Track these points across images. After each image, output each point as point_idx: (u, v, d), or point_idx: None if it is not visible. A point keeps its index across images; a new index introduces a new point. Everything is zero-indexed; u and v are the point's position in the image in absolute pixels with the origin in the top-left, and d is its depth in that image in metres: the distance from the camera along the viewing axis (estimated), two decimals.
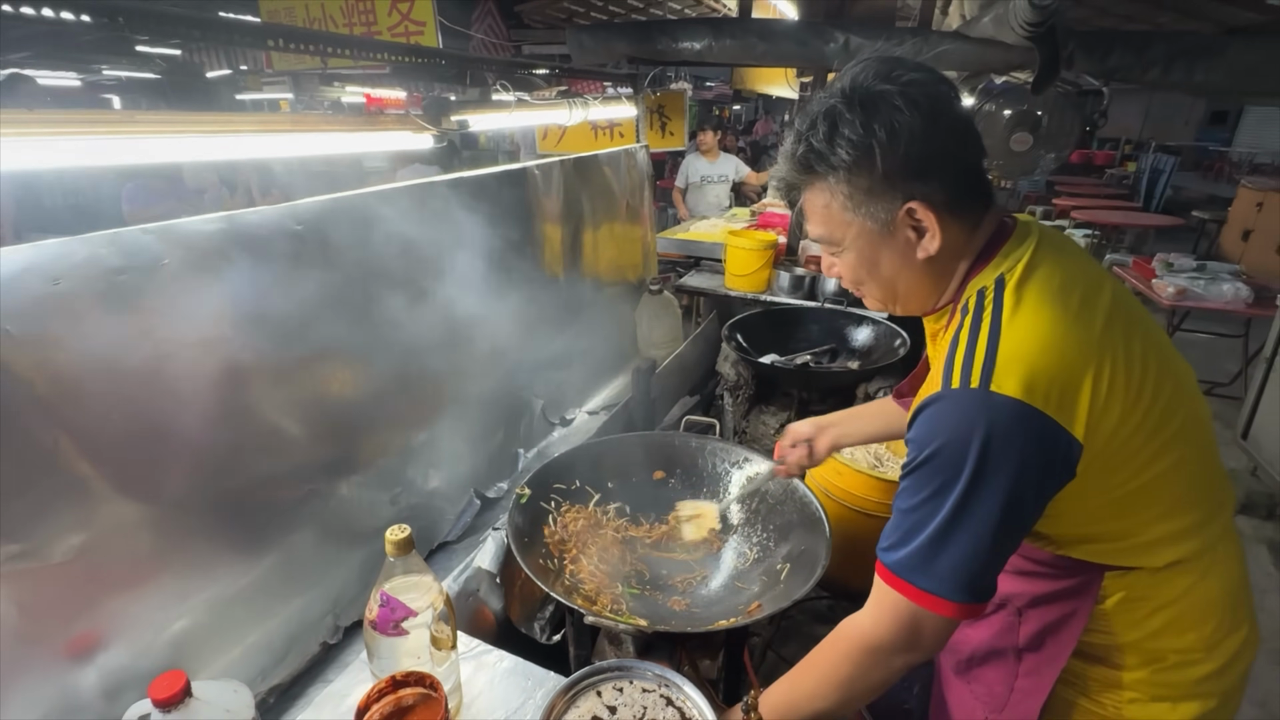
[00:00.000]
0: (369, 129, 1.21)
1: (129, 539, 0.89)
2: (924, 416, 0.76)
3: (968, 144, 0.79)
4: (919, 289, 0.86)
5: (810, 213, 0.85)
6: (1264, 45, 2.06)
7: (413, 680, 0.82)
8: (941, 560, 0.74)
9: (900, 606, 0.77)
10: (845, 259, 0.85)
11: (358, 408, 1.25)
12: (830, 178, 0.78)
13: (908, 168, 0.75)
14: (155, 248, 0.86)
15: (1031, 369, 0.71)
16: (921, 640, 0.77)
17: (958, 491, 0.72)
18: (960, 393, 0.73)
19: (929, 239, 0.78)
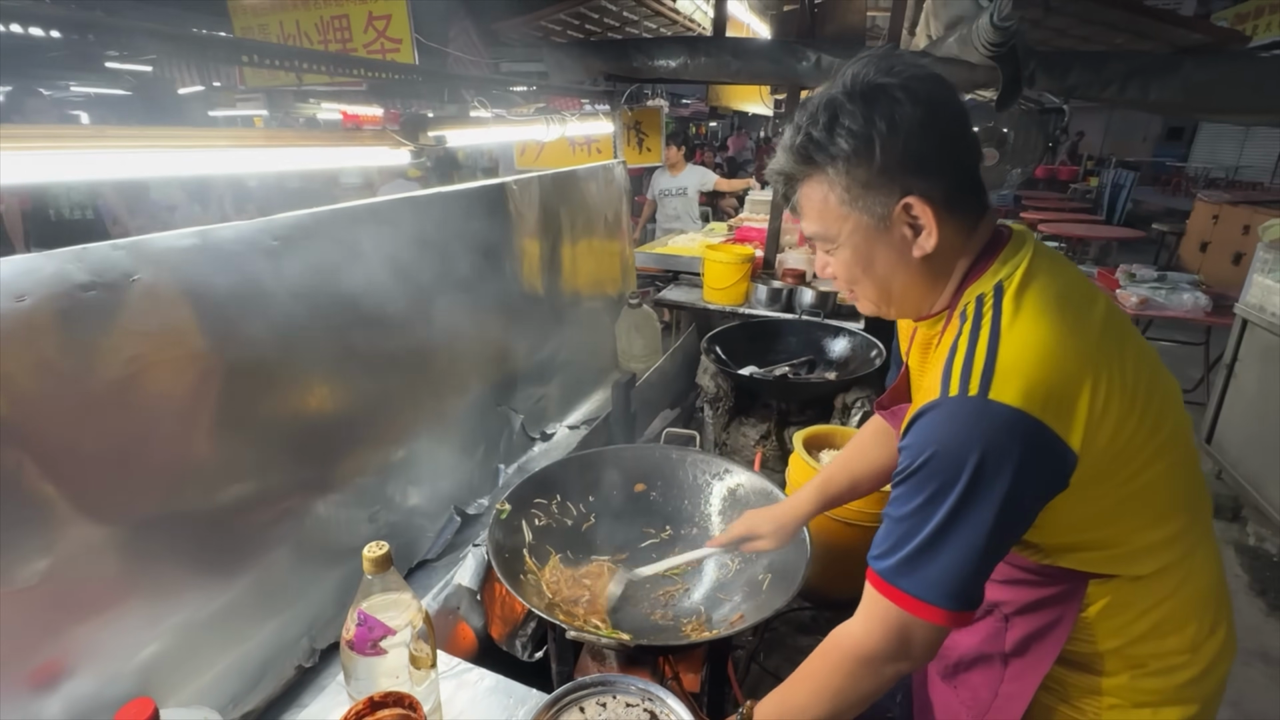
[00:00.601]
0: (345, 144, 1.20)
1: (96, 563, 0.86)
2: (920, 424, 0.75)
3: (966, 144, 0.79)
4: (914, 290, 0.84)
5: (806, 208, 0.84)
6: (1214, 65, 2.15)
7: (391, 701, 0.81)
8: (932, 568, 0.73)
9: (891, 614, 0.76)
10: (840, 256, 0.84)
11: (334, 425, 1.23)
12: (829, 169, 0.77)
13: (906, 161, 0.74)
14: (125, 263, 0.85)
15: (1031, 378, 0.70)
16: (912, 649, 0.77)
17: (952, 499, 0.71)
18: (958, 400, 0.72)
19: (925, 236, 0.77)
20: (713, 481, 1.49)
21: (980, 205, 0.81)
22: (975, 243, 0.82)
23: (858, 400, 2.24)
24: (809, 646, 2.44)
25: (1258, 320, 3.09)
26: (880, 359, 2.31)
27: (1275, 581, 2.77)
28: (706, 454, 1.52)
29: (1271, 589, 2.73)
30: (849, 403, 2.26)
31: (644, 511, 1.48)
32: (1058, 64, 2.19)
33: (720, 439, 2.47)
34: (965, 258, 0.82)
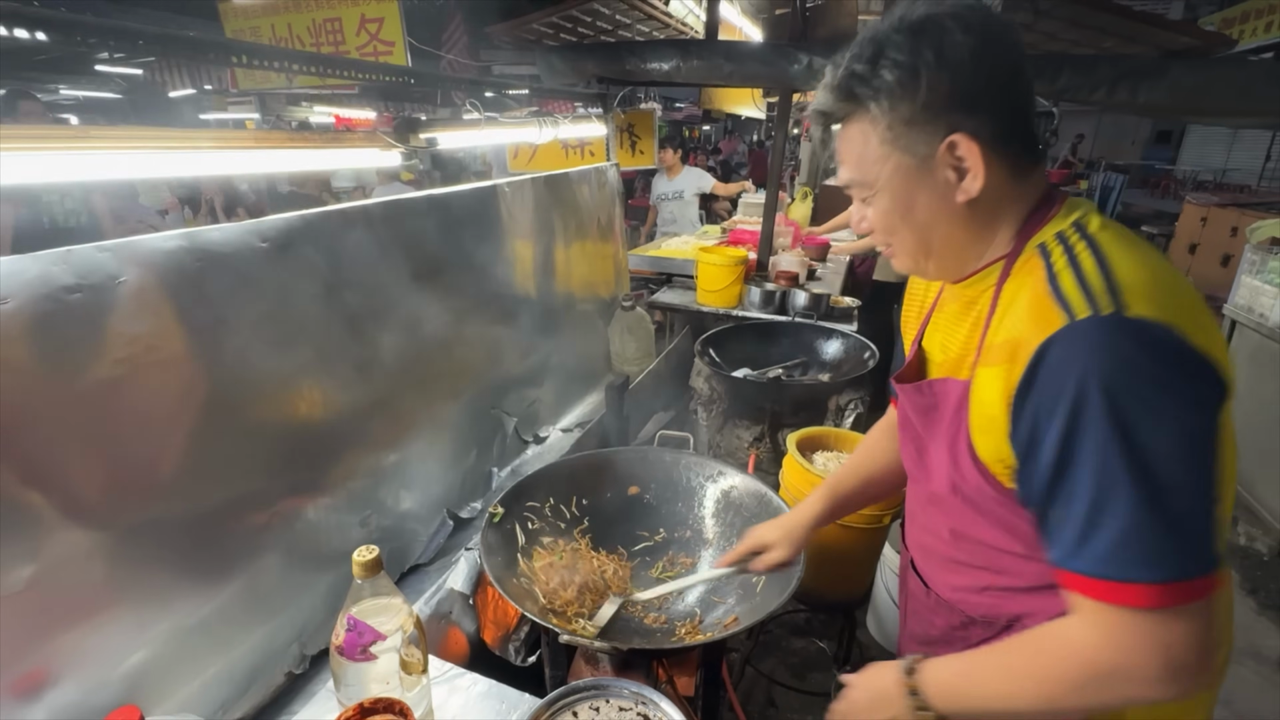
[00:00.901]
0: (335, 146, 1.19)
1: (82, 569, 0.85)
2: (1051, 363, 0.63)
3: (1019, 82, 0.72)
4: (955, 241, 0.77)
5: (845, 151, 0.78)
6: (1202, 68, 2.17)
7: (382, 707, 0.80)
8: (1154, 533, 0.59)
9: (1134, 621, 0.62)
10: (878, 204, 0.78)
11: (325, 428, 1.22)
12: (871, 105, 0.72)
13: (954, 96, 0.69)
14: (111, 265, 0.84)
15: (1159, 293, 0.63)
16: (1175, 654, 0.61)
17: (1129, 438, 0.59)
18: (1092, 322, 0.62)
19: (970, 179, 0.71)
20: (706, 484, 1.48)
21: (1032, 153, 0.75)
22: (1028, 193, 0.75)
23: (851, 402, 2.24)
24: (803, 649, 2.43)
25: (1246, 321, 3.12)
26: (873, 360, 2.31)
27: (1265, 581, 2.79)
28: (700, 456, 1.52)
29: (1262, 588, 2.75)
30: (842, 404, 2.26)
31: (638, 514, 1.47)
32: (1048, 67, 2.20)
33: (714, 441, 2.46)
34: (1018, 207, 0.75)
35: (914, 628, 1.02)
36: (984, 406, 0.73)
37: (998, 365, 0.71)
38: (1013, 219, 0.76)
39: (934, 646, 0.96)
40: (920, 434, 0.90)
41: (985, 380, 0.73)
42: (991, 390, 0.71)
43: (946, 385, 0.81)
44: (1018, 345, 0.68)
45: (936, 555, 0.93)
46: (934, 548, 0.93)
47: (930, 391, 0.85)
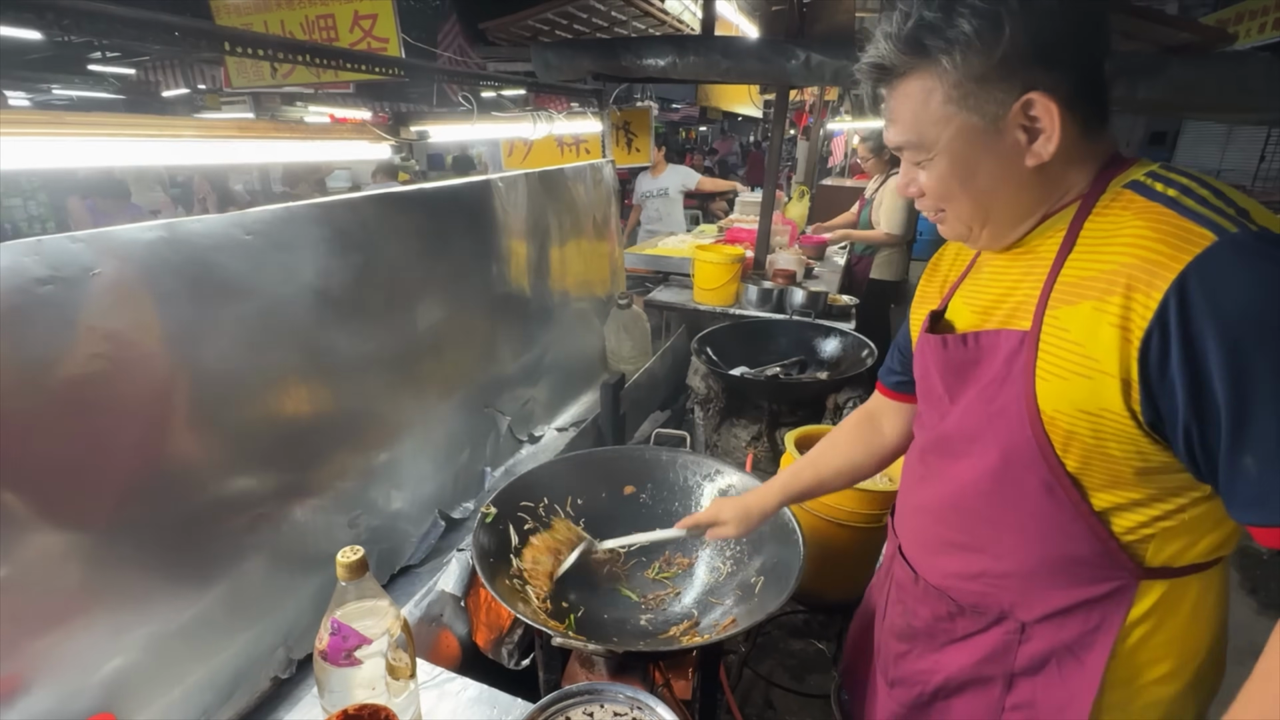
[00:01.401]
0: (322, 137, 1.17)
1: (55, 573, 0.82)
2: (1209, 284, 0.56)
3: (1100, 32, 0.66)
4: (1017, 208, 0.72)
5: (899, 110, 0.71)
6: (1200, 64, 2.16)
7: (366, 714, 0.77)
8: None
9: None
10: (934, 169, 0.71)
11: (312, 427, 1.19)
12: (943, 59, 0.65)
13: (1034, 49, 0.62)
14: (85, 256, 0.81)
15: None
16: None
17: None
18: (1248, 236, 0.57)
19: (1044, 141, 0.65)
20: (703, 483, 1.46)
21: (1104, 110, 0.69)
22: (1099, 153, 0.69)
23: (849, 400, 2.22)
24: (801, 651, 2.40)
25: None
26: (871, 358, 2.29)
27: (1265, 580, 2.77)
28: (697, 455, 1.50)
29: (1262, 587, 2.74)
30: (840, 403, 2.24)
31: (633, 514, 1.45)
32: None
33: (711, 440, 2.44)
34: (1087, 168, 0.69)
35: (895, 620, 0.98)
36: (1075, 348, 0.65)
37: (1095, 300, 0.63)
38: (1085, 170, 0.70)
39: (914, 640, 0.94)
40: (943, 394, 0.83)
41: (1075, 319, 0.65)
42: (1091, 328, 0.64)
43: (998, 337, 0.74)
44: (1134, 274, 0.61)
45: (930, 537, 0.90)
46: (928, 529, 0.90)
47: (975, 345, 0.77)
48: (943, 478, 0.85)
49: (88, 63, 8.47)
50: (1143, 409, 0.63)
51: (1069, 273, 0.68)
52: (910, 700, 0.94)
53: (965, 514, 0.82)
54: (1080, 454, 0.68)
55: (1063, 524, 0.72)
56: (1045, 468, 0.70)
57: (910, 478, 0.96)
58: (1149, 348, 0.60)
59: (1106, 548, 0.71)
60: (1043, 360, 0.69)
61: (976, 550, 0.82)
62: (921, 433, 0.93)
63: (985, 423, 0.75)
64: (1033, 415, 0.69)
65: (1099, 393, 0.64)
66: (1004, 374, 0.73)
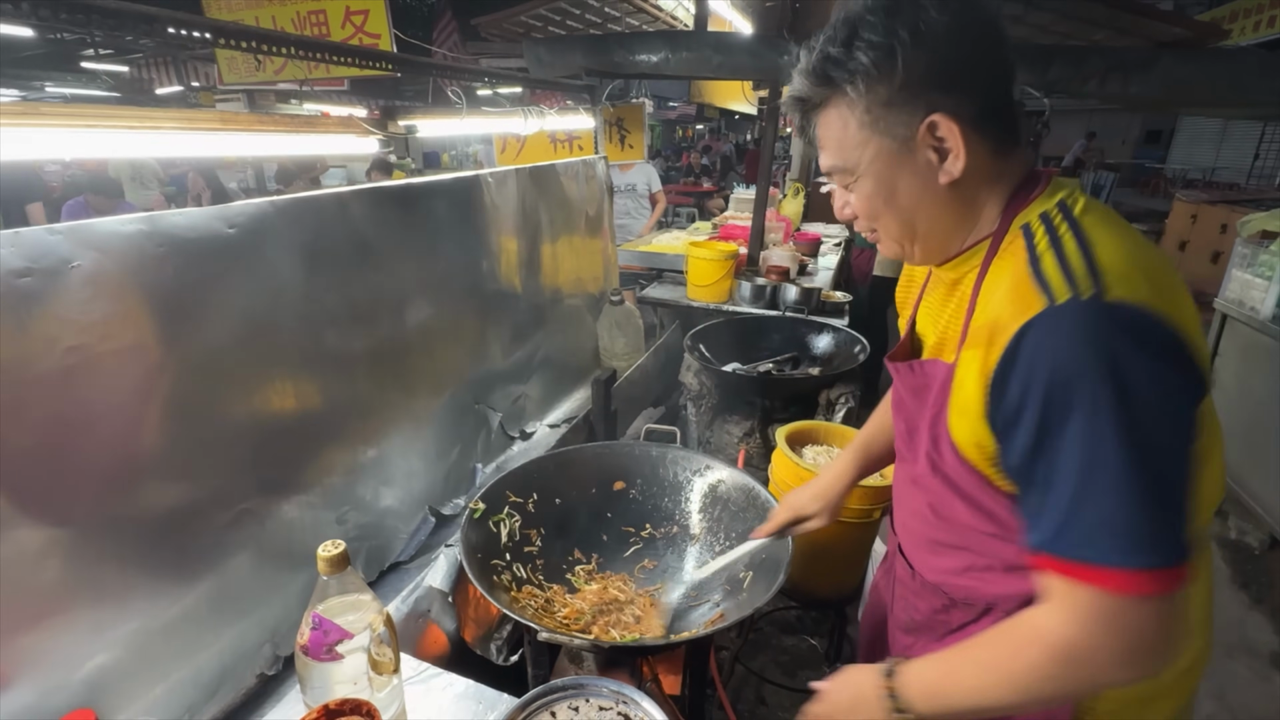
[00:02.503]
0: (308, 130, 1.16)
1: (33, 569, 0.81)
2: (1030, 344, 0.63)
3: (999, 58, 0.71)
4: (941, 223, 0.76)
5: (824, 138, 0.77)
6: (1192, 59, 2.16)
7: (348, 709, 0.76)
8: (1133, 520, 0.58)
9: (1102, 605, 0.61)
10: (860, 190, 0.77)
11: (298, 422, 1.18)
12: (848, 88, 0.70)
13: (931, 75, 0.68)
14: (63, 249, 0.80)
15: (1141, 278, 0.62)
16: (1138, 639, 0.61)
17: (1104, 420, 0.58)
18: (1072, 305, 0.61)
19: (952, 159, 0.70)
20: (693, 478, 1.45)
21: (1014, 131, 0.74)
22: (1011, 172, 0.75)
23: (842, 396, 2.22)
24: (793, 647, 2.40)
25: (1237, 315, 3.11)
26: (864, 354, 2.29)
27: (1257, 575, 2.78)
28: (687, 450, 1.49)
29: (1254, 582, 2.75)
30: (833, 398, 2.24)
31: (623, 510, 1.44)
32: (1039, 58, 2.19)
33: (704, 437, 2.44)
34: (1001, 186, 0.74)
35: (900, 614, 1.02)
36: (963, 389, 0.73)
37: (977, 348, 0.70)
38: (997, 198, 0.75)
39: (918, 633, 0.98)
40: (912, 413, 0.89)
41: (966, 362, 0.73)
42: (970, 373, 0.71)
43: (935, 366, 0.81)
44: (996, 328, 0.67)
45: (921, 537, 0.93)
46: (918, 530, 0.93)
47: (921, 371, 0.84)
48: (920, 485, 0.89)
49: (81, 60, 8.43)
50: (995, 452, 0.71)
51: (976, 316, 0.74)
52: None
53: (942, 518, 0.87)
54: (998, 475, 0.74)
55: (1009, 530, 0.77)
56: (977, 485, 0.77)
57: (901, 480, 0.99)
58: (990, 398, 0.68)
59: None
60: (954, 395, 0.76)
61: (960, 548, 0.86)
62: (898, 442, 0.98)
63: (931, 444, 0.82)
64: (952, 443, 0.77)
65: (977, 431, 0.72)
66: (937, 402, 0.79)
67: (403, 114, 1.37)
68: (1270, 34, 7.15)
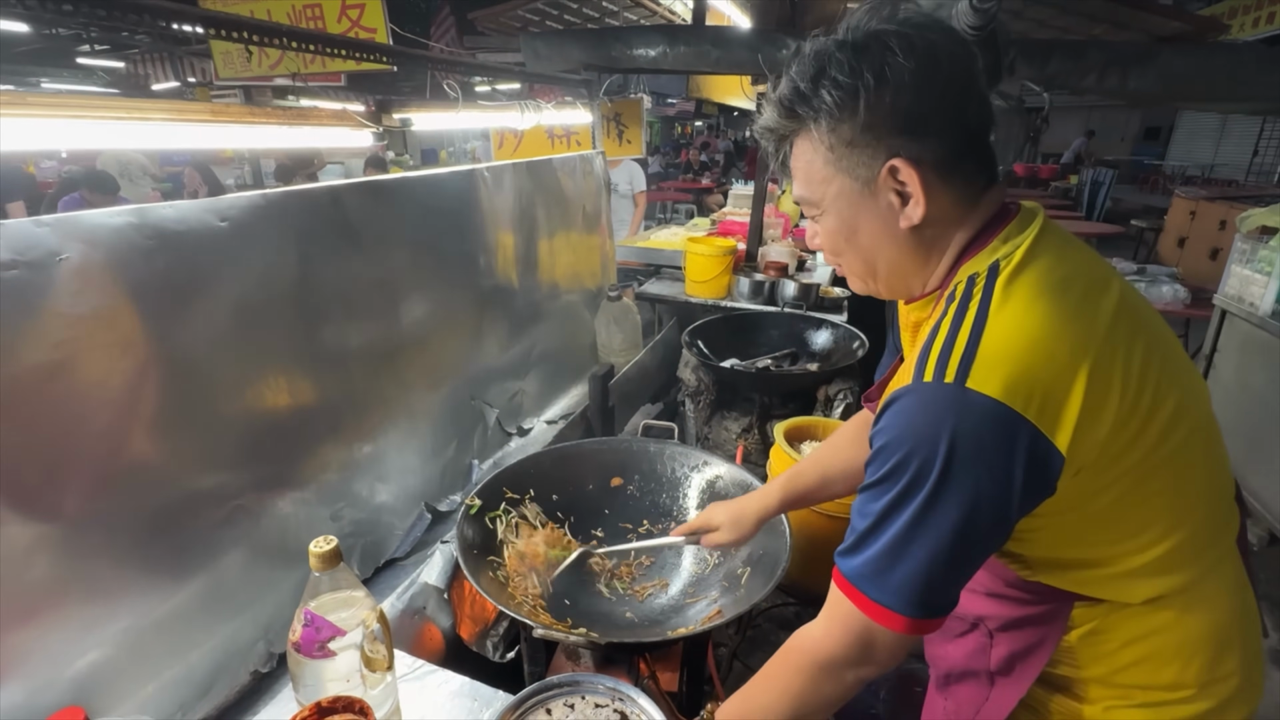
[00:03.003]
0: (300, 123, 1.14)
1: (21, 565, 0.80)
2: (891, 412, 0.69)
3: (970, 105, 0.70)
4: (900, 267, 0.77)
5: (795, 168, 0.78)
6: (1191, 53, 2.15)
7: (341, 706, 0.76)
8: (896, 572, 0.68)
9: (852, 618, 0.71)
10: (824, 224, 0.78)
11: (291, 418, 1.17)
12: (813, 125, 0.71)
13: (894, 119, 0.68)
14: (50, 241, 0.79)
15: (1014, 367, 0.63)
16: (874, 654, 0.72)
17: (921, 497, 0.65)
18: (932, 387, 0.65)
19: (912, 205, 0.70)
20: (691, 474, 1.45)
21: (986, 176, 0.73)
22: (976, 217, 0.74)
23: (840, 392, 2.21)
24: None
25: (1236, 310, 3.11)
26: (863, 350, 2.28)
27: (1256, 571, 2.78)
28: (684, 446, 1.48)
29: (1253, 579, 2.74)
30: (831, 394, 2.23)
31: (621, 506, 1.44)
32: (1038, 53, 2.18)
33: (702, 433, 2.43)
34: (963, 232, 0.74)
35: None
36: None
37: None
38: (955, 246, 0.75)
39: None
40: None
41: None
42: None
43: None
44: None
45: None
46: None
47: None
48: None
49: (76, 56, 8.40)
50: None
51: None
52: (936, 677, 1.01)
53: None
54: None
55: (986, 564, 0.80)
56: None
57: None
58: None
59: (1021, 579, 0.80)
60: None
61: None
62: None
63: None
64: None
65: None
66: None
67: (398, 108, 1.36)
68: (1270, 30, 7.13)
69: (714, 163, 12.90)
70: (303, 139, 1.16)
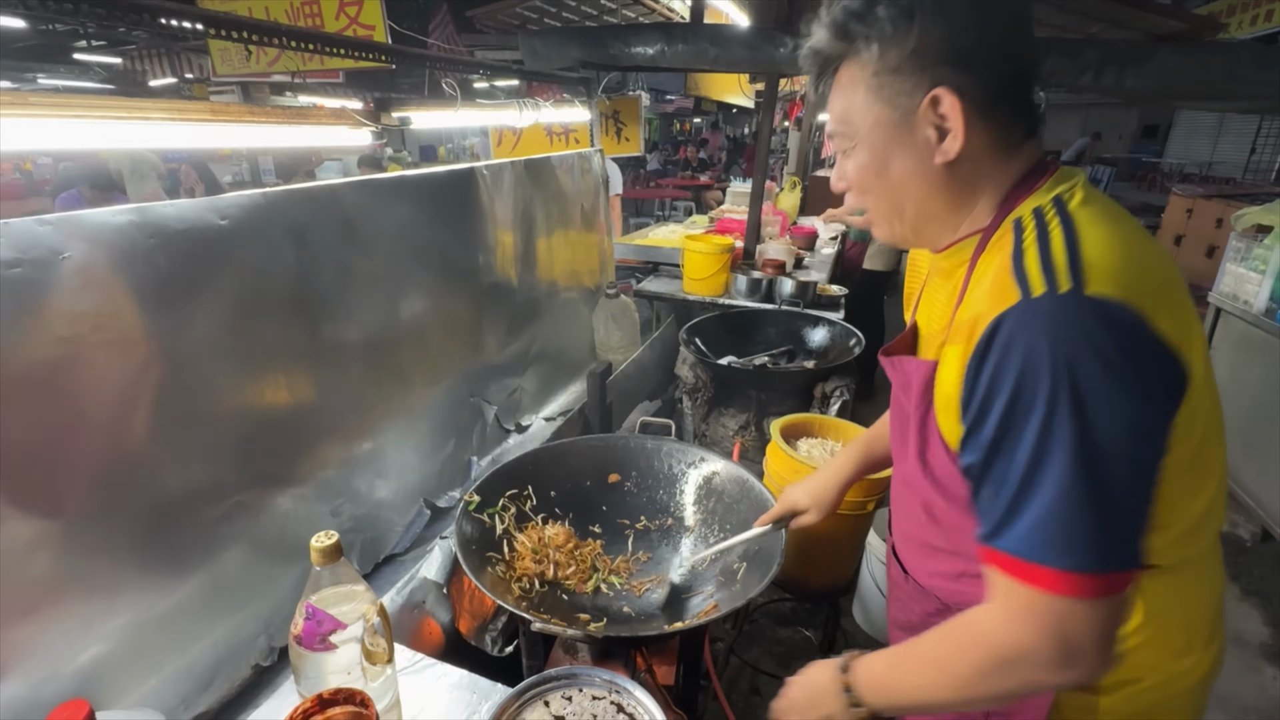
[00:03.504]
0: (299, 122, 1.15)
1: (24, 561, 0.81)
2: (1004, 336, 0.60)
3: (1018, 46, 0.69)
4: (929, 207, 0.74)
5: (834, 98, 0.75)
6: (1188, 52, 2.16)
7: (342, 698, 0.77)
8: (1076, 522, 0.58)
9: (1037, 604, 0.60)
10: (856, 158, 0.75)
11: (292, 415, 1.18)
12: (863, 47, 0.69)
13: (943, 48, 0.66)
14: (53, 240, 0.80)
15: (1128, 272, 0.60)
16: (1075, 642, 0.60)
17: (1069, 426, 0.57)
18: (1048, 298, 0.59)
19: (950, 139, 0.68)
20: (688, 470, 1.46)
21: (1026, 124, 0.71)
22: (1015, 165, 0.72)
23: (836, 389, 2.23)
24: (788, 639, 2.41)
25: (1231, 309, 3.12)
26: (859, 347, 2.29)
27: (1248, 566, 2.80)
28: (681, 443, 1.49)
29: (1244, 574, 2.77)
30: (828, 391, 2.24)
31: (618, 502, 1.45)
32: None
33: (699, 430, 2.44)
34: (1001, 178, 0.72)
35: (897, 614, 1.01)
36: (944, 386, 0.72)
37: (958, 343, 0.69)
38: (994, 190, 0.73)
39: (914, 632, 0.93)
40: (903, 410, 0.88)
41: (948, 359, 0.72)
42: (951, 369, 0.70)
43: (914, 364, 0.80)
44: (975, 322, 0.66)
45: (915, 540, 0.92)
46: (912, 532, 0.92)
47: (903, 369, 0.83)
48: (915, 485, 0.87)
49: (73, 51, 8.36)
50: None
51: (961, 311, 0.72)
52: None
53: (935, 521, 0.85)
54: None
55: None
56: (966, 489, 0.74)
57: (896, 480, 0.98)
58: (963, 393, 0.66)
59: None
60: (937, 392, 0.75)
61: (952, 553, 0.85)
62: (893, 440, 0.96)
63: (921, 443, 0.80)
64: (942, 441, 0.75)
65: (956, 425, 0.70)
66: (923, 401, 0.78)
67: (396, 106, 1.36)
68: (1269, 27, 7.14)
69: (713, 160, 12.90)
70: (303, 138, 1.17)
